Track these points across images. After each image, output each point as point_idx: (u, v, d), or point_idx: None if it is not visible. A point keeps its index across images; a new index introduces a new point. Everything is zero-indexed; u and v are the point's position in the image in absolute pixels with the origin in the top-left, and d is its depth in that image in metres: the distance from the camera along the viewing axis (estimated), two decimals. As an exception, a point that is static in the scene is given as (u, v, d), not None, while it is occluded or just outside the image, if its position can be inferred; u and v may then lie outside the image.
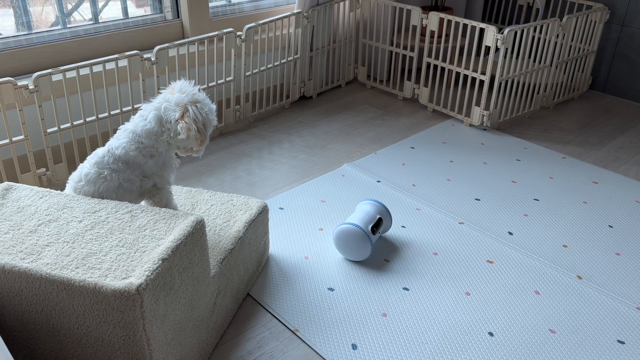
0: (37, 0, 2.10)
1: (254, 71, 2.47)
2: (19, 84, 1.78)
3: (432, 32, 2.61)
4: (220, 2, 2.61)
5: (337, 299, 1.56)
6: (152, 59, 2.05)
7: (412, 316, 1.51)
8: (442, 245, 1.79)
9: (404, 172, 2.20)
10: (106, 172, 1.35)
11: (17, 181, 1.91)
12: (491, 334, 1.46)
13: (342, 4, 2.75)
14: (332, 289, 1.59)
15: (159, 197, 1.42)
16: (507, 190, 2.10)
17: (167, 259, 1.13)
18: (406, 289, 1.61)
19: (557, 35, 2.54)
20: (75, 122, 1.96)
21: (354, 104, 2.81)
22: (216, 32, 2.24)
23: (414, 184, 2.12)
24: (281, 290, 1.59)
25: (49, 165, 1.94)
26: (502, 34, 2.31)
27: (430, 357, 1.39)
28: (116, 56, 1.96)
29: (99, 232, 1.21)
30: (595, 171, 2.24)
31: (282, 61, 2.60)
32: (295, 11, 2.53)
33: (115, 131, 1.43)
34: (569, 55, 2.69)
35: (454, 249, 1.77)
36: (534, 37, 2.65)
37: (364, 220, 1.68)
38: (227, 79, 2.38)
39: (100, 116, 2.01)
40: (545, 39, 2.52)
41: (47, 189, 1.36)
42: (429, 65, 2.86)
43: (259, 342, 1.43)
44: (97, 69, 1.96)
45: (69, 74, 1.93)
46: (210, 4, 2.51)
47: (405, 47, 2.90)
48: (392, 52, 2.92)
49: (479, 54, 2.97)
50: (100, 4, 2.27)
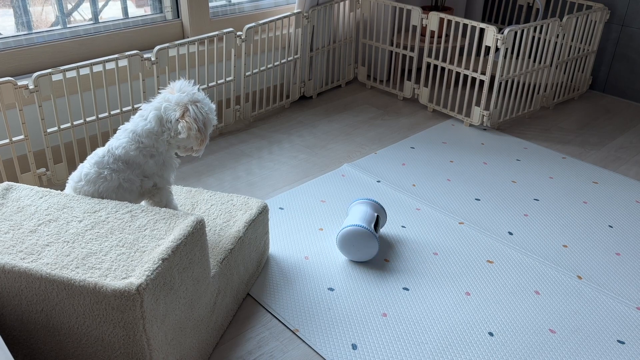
0: (37, 0, 2.10)
1: (254, 71, 2.47)
2: (19, 83, 1.78)
3: (432, 32, 2.61)
4: (220, 2, 2.61)
5: (337, 299, 1.56)
6: (152, 59, 2.05)
7: (412, 316, 1.51)
8: (442, 245, 1.79)
9: (404, 172, 2.20)
10: (106, 172, 1.35)
11: (17, 181, 1.91)
12: (491, 334, 1.46)
13: (342, 4, 2.75)
14: (332, 289, 1.59)
15: (159, 197, 1.42)
16: (507, 190, 2.10)
17: (167, 258, 1.13)
18: (406, 289, 1.61)
19: (557, 35, 2.54)
20: (75, 122, 1.96)
21: (354, 104, 2.81)
22: (216, 32, 2.24)
23: (414, 184, 2.12)
24: (281, 290, 1.59)
25: (49, 165, 1.94)
26: (502, 34, 2.31)
27: (430, 357, 1.39)
28: (116, 56, 1.96)
29: (99, 232, 1.21)
30: (595, 171, 2.24)
31: (282, 61, 2.60)
32: (295, 11, 2.53)
33: (115, 131, 1.43)
34: (569, 55, 2.69)
35: (454, 249, 1.77)
36: (534, 37, 2.65)
37: (365, 220, 1.68)
38: (227, 79, 2.38)
39: (100, 116, 2.01)
40: (545, 39, 2.52)
41: (47, 189, 1.36)
42: (429, 65, 2.86)
43: (259, 342, 1.43)
44: (97, 68, 1.96)
45: (69, 74, 1.93)
46: (210, 4, 2.51)
47: (405, 47, 2.90)
48: (392, 52, 2.92)
49: (479, 54, 2.97)
50: (100, 4, 2.27)
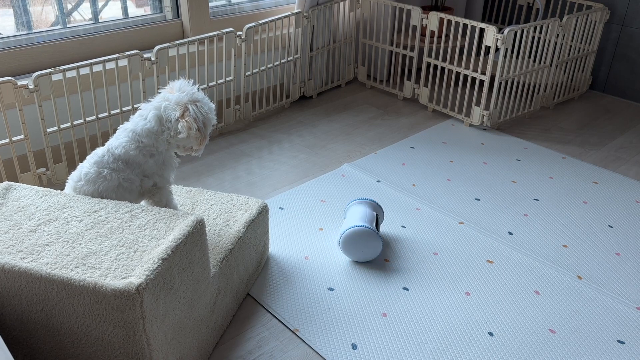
0: (37, 0, 2.10)
1: (254, 71, 2.47)
2: (19, 83, 1.78)
3: (432, 32, 2.61)
4: (220, 2, 2.61)
5: (337, 299, 1.56)
6: (152, 59, 2.05)
7: (412, 316, 1.51)
8: (442, 245, 1.79)
9: (404, 172, 2.20)
10: (106, 172, 1.35)
11: (17, 181, 1.91)
12: (491, 334, 1.46)
13: (342, 4, 2.75)
14: (332, 289, 1.59)
15: (159, 197, 1.42)
16: (507, 190, 2.10)
17: (167, 258, 1.13)
18: (406, 289, 1.60)
19: (557, 35, 2.54)
20: (75, 122, 1.96)
21: (354, 103, 2.81)
22: (216, 32, 2.24)
23: (414, 184, 2.12)
24: (281, 290, 1.59)
25: (49, 164, 1.94)
26: (502, 34, 2.31)
27: (430, 357, 1.39)
28: (116, 56, 1.96)
29: (98, 232, 1.21)
30: (595, 171, 2.24)
31: (282, 61, 2.59)
32: (295, 11, 2.53)
33: (115, 131, 1.43)
34: (569, 55, 2.69)
35: (454, 249, 1.77)
36: (534, 37, 2.65)
37: (366, 219, 1.68)
38: (227, 79, 2.38)
39: (100, 116, 2.01)
40: (545, 39, 2.52)
41: (47, 189, 1.36)
42: (429, 65, 2.86)
43: (259, 342, 1.43)
44: (97, 68, 1.96)
45: (69, 74, 1.93)
46: (210, 4, 2.51)
47: (405, 47, 2.90)
48: (392, 52, 2.92)
49: (479, 54, 2.97)
50: (100, 4, 2.27)
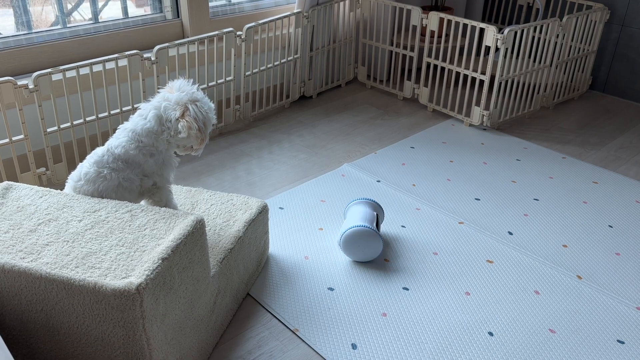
0: (37, 0, 2.10)
1: (254, 71, 2.47)
2: (19, 83, 1.78)
3: (432, 32, 2.61)
4: (220, 1, 2.61)
5: (337, 299, 1.56)
6: (152, 59, 2.05)
7: (412, 316, 1.51)
8: (442, 245, 1.79)
9: (404, 172, 2.20)
10: (106, 171, 1.35)
11: (16, 180, 1.91)
12: (491, 334, 1.46)
13: (342, 3, 2.75)
14: (332, 289, 1.59)
15: (159, 196, 1.42)
16: (507, 190, 2.10)
17: (167, 258, 1.13)
18: (406, 288, 1.60)
19: (557, 35, 2.54)
20: (75, 122, 1.96)
21: (354, 103, 2.81)
22: (216, 32, 2.24)
23: (414, 184, 2.12)
24: (281, 290, 1.59)
25: (49, 164, 1.94)
26: (502, 34, 2.31)
27: (430, 357, 1.39)
28: (116, 56, 1.96)
29: (98, 232, 1.21)
30: (595, 171, 2.24)
31: (282, 61, 2.59)
32: (295, 11, 2.53)
33: (115, 131, 1.43)
34: (569, 55, 2.69)
35: (454, 249, 1.77)
36: (534, 37, 2.65)
37: (367, 219, 1.68)
38: (227, 79, 2.38)
39: (100, 116, 2.01)
40: (545, 39, 2.52)
41: (47, 189, 1.36)
42: (429, 65, 2.86)
43: (258, 342, 1.43)
44: (97, 68, 1.96)
45: (69, 74, 1.93)
46: (210, 4, 2.51)
47: (405, 47, 2.90)
48: (392, 52, 2.92)
49: (479, 54, 2.97)
50: (100, 4, 2.27)
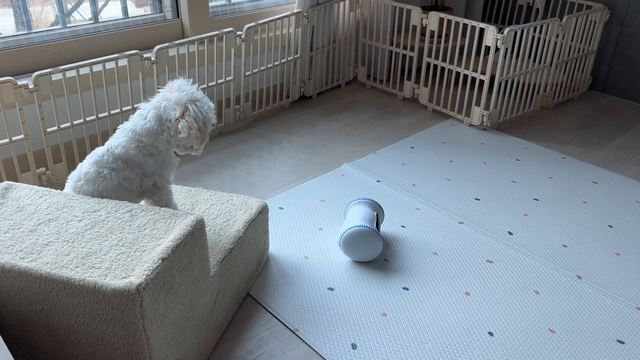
0: (37, 0, 2.10)
1: (254, 71, 2.47)
2: (19, 83, 1.78)
3: (432, 32, 2.61)
4: (220, 1, 2.61)
5: (337, 299, 1.56)
6: (152, 59, 2.05)
7: (412, 316, 1.51)
8: (442, 245, 1.79)
9: (404, 172, 2.20)
10: (105, 171, 1.35)
11: (16, 180, 1.91)
12: (491, 334, 1.46)
13: (342, 3, 2.75)
14: (332, 289, 1.59)
15: (159, 196, 1.42)
16: (507, 190, 2.10)
17: (167, 258, 1.13)
18: (406, 288, 1.60)
19: (557, 35, 2.54)
20: (75, 122, 1.96)
21: (354, 103, 2.81)
22: (216, 32, 2.24)
23: (414, 184, 2.12)
24: (281, 290, 1.59)
25: (49, 164, 1.94)
26: (502, 34, 2.31)
27: (430, 357, 1.39)
28: (116, 56, 1.96)
29: (98, 232, 1.21)
30: (595, 171, 2.24)
31: (282, 61, 2.59)
32: (295, 11, 2.53)
33: (115, 130, 1.43)
34: (569, 55, 2.69)
35: (454, 249, 1.77)
36: (534, 37, 2.65)
37: (367, 219, 1.68)
38: (227, 79, 2.38)
39: (100, 116, 2.01)
40: (545, 39, 2.52)
41: (47, 188, 1.36)
42: (429, 65, 2.86)
43: (258, 342, 1.43)
44: (97, 68, 1.96)
45: (69, 74, 1.93)
46: (210, 4, 2.51)
47: (405, 47, 2.90)
48: (392, 52, 2.92)
49: (479, 54, 2.97)
50: (100, 4, 2.27)
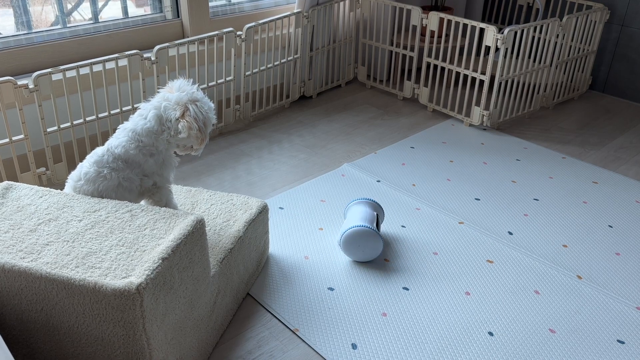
0: (37, 0, 2.10)
1: (254, 71, 2.47)
2: (19, 83, 1.78)
3: (432, 32, 2.61)
4: (220, 1, 2.61)
5: (337, 299, 1.56)
6: (152, 59, 2.05)
7: (412, 316, 1.51)
8: (442, 245, 1.79)
9: (404, 172, 2.20)
10: (105, 171, 1.35)
11: (16, 180, 1.91)
12: (491, 334, 1.46)
13: (342, 3, 2.75)
14: (332, 289, 1.59)
15: (159, 196, 1.42)
16: (507, 190, 2.10)
17: (167, 258, 1.13)
18: (406, 288, 1.60)
19: (557, 35, 2.54)
20: (75, 122, 1.96)
21: (354, 103, 2.81)
22: (216, 32, 2.24)
23: (414, 184, 2.12)
24: (281, 289, 1.59)
25: (49, 164, 1.94)
26: (502, 34, 2.31)
27: (430, 356, 1.39)
28: (116, 56, 1.96)
29: (98, 232, 1.21)
30: (595, 171, 2.24)
31: (282, 61, 2.59)
32: (295, 11, 2.53)
33: (115, 130, 1.43)
34: (569, 55, 2.69)
35: (454, 249, 1.77)
36: (534, 37, 2.65)
37: (367, 219, 1.68)
38: (227, 79, 2.38)
39: (100, 115, 2.01)
40: (545, 39, 2.52)
41: (47, 188, 1.36)
42: (429, 65, 2.86)
43: (258, 342, 1.43)
44: (97, 68, 1.96)
45: (69, 74, 1.93)
46: (210, 4, 2.51)
47: (405, 47, 2.90)
48: (392, 52, 2.92)
49: (479, 54, 2.97)
50: (100, 4, 2.27)
